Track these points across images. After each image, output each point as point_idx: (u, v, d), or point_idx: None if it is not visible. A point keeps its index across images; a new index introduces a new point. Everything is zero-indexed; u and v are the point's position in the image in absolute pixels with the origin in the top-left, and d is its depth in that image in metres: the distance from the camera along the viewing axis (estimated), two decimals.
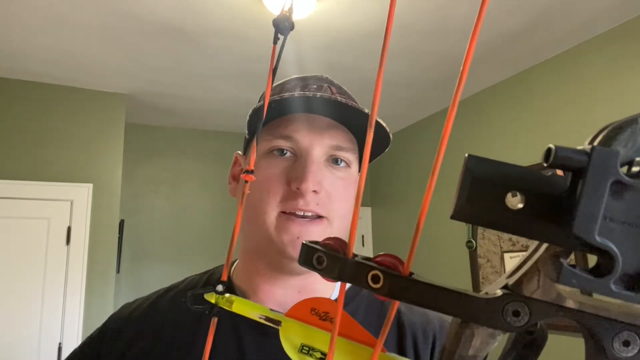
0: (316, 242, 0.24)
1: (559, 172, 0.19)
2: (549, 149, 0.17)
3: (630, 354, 0.20)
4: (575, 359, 2.37)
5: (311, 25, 2.59)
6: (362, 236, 4.84)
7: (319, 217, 0.63)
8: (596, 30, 2.68)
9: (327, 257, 0.22)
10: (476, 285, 3.34)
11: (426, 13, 2.49)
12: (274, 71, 0.25)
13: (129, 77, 3.25)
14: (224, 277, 0.26)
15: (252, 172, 0.26)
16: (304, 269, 0.65)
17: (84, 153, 3.33)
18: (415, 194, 4.09)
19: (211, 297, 0.27)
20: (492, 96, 3.41)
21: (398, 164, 4.36)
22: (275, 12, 2.34)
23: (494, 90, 3.40)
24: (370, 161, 0.75)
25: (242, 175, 0.26)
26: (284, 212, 0.62)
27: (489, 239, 3.29)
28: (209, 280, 0.73)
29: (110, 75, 3.21)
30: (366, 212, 4.88)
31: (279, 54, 0.25)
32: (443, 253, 3.70)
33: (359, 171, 0.73)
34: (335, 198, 0.64)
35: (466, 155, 0.19)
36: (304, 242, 0.24)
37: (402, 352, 0.65)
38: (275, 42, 0.26)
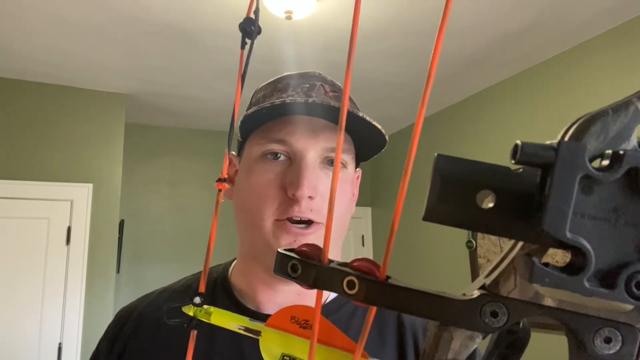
0: (291, 250, 0.24)
1: None
2: (516, 145, 0.17)
3: (612, 351, 0.20)
4: (560, 358, 2.35)
5: (311, 25, 2.59)
6: (362, 236, 4.83)
7: (314, 222, 0.62)
8: (596, 31, 2.68)
9: (302, 265, 0.22)
10: None
11: (424, 14, 2.49)
12: (243, 76, 0.25)
13: (129, 77, 3.25)
14: (202, 289, 0.26)
15: (225, 180, 0.26)
16: None
17: (84, 153, 3.33)
18: (416, 194, 4.08)
19: (189, 310, 0.26)
20: (491, 97, 3.41)
21: (398, 164, 4.36)
22: (275, 12, 2.34)
23: (493, 91, 3.40)
24: (365, 160, 0.75)
25: (215, 184, 0.26)
26: (279, 220, 0.62)
27: (489, 238, 3.28)
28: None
29: (110, 75, 3.21)
30: (366, 212, 4.87)
31: (246, 59, 0.25)
32: (443, 253, 3.69)
33: (355, 169, 0.73)
34: None
35: (435, 154, 0.19)
36: (278, 250, 0.24)
37: (402, 351, 0.65)
38: (242, 47, 0.25)
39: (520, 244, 0.20)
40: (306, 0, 2.28)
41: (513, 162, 0.17)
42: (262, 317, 0.64)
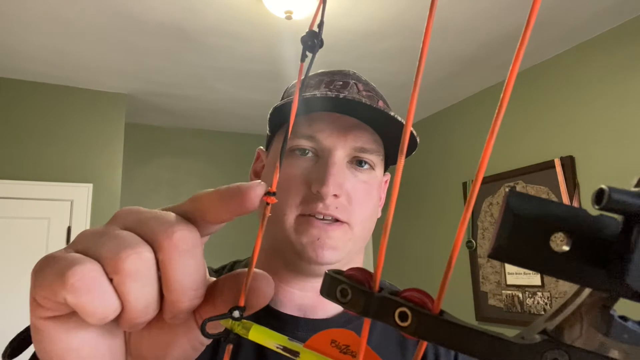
0: (339, 272, 0.22)
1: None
2: (602, 191, 0.16)
3: None
4: None
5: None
6: None
7: (339, 221, 0.61)
8: (596, 31, 2.67)
9: (352, 290, 0.21)
10: (476, 285, 3.33)
11: (425, 14, 2.46)
12: (301, 90, 0.24)
13: (129, 77, 3.23)
14: (242, 303, 0.25)
15: (274, 194, 0.25)
16: (321, 271, 0.62)
17: (84, 153, 3.32)
18: (415, 194, 4.08)
19: (226, 322, 0.25)
20: (490, 97, 3.40)
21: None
22: (275, 12, 2.33)
23: (492, 91, 3.39)
24: (394, 164, 0.72)
25: (263, 197, 0.25)
26: (302, 215, 0.61)
27: (489, 239, 3.27)
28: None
29: (110, 75, 3.20)
30: None
31: (306, 72, 0.24)
32: (443, 253, 3.69)
33: (384, 174, 0.71)
34: (356, 202, 0.62)
35: (506, 189, 0.18)
36: (326, 271, 0.22)
37: None
38: (302, 60, 0.24)
39: (587, 290, 0.19)
40: (306, 0, 2.27)
41: (597, 207, 0.16)
42: (283, 317, 0.63)
